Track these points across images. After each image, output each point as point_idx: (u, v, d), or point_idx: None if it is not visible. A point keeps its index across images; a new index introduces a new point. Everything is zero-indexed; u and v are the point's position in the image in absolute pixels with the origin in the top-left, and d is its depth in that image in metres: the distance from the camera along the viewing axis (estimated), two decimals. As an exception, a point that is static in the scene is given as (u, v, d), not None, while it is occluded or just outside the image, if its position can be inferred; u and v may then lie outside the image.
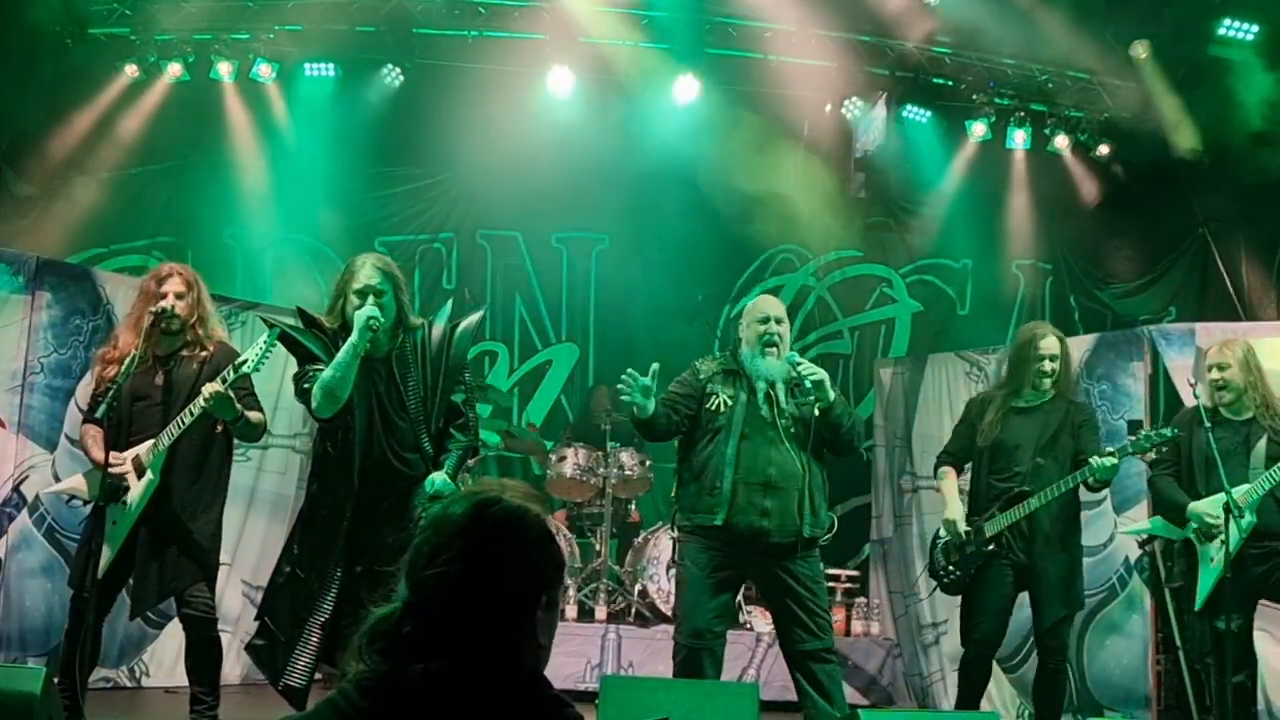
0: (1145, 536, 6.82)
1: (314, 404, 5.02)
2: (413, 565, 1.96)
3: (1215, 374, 5.95)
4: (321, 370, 5.02)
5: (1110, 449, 5.81)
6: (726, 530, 5.40)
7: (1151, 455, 6.10)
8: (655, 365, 5.42)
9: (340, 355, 4.98)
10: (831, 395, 5.44)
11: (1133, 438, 5.88)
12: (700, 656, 5.44)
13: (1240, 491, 5.66)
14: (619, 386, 5.46)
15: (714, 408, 5.52)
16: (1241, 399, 5.92)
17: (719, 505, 5.39)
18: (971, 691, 6.01)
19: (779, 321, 5.56)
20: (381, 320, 5.03)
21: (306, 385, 5.05)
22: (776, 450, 5.43)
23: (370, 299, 5.07)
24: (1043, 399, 6.05)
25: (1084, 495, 6.06)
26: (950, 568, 6.05)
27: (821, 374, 5.41)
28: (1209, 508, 5.74)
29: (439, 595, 1.91)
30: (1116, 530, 7.01)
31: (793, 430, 5.46)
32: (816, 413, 5.42)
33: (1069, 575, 5.96)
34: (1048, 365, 6.01)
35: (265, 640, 5.23)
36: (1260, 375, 5.95)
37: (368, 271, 5.14)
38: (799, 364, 5.41)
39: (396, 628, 1.92)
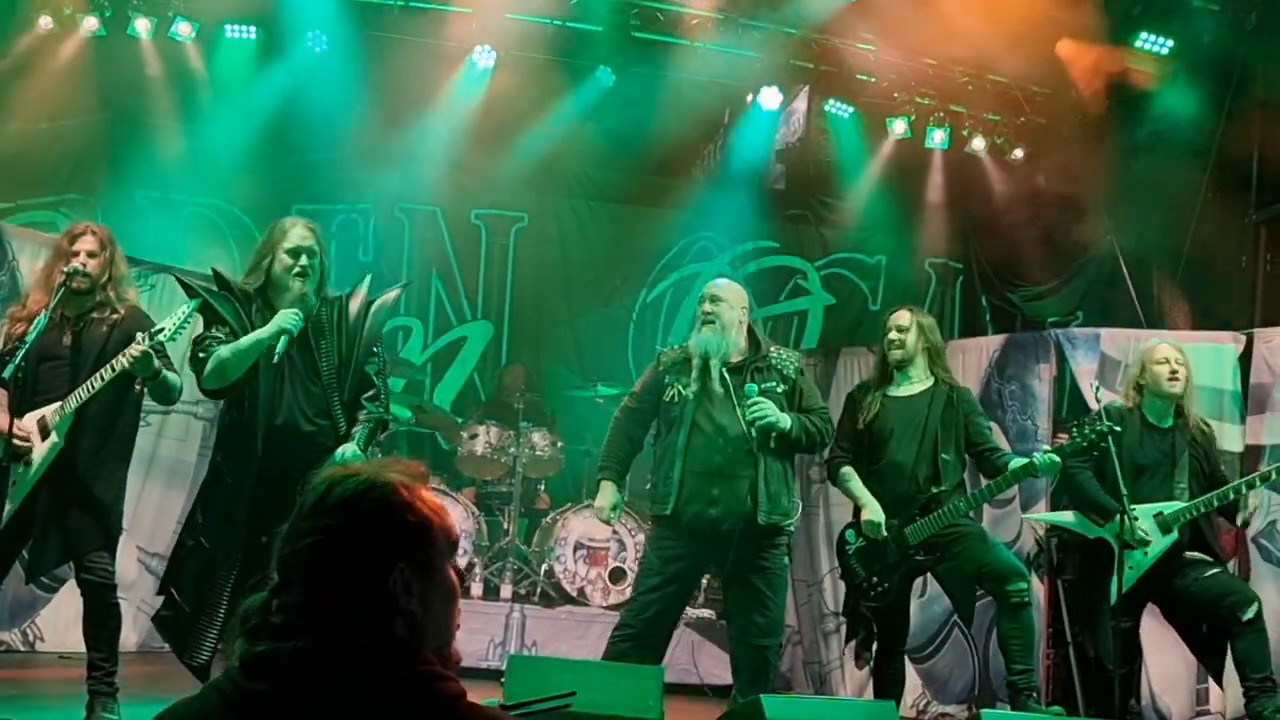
0: (1045, 529, 6.97)
1: (203, 375, 5.04)
2: (280, 548, 1.98)
3: (1183, 374, 5.88)
4: (221, 338, 5.05)
5: (1046, 448, 5.82)
6: (675, 520, 5.50)
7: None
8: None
9: (244, 342, 5.01)
10: (785, 425, 5.47)
11: (1066, 436, 5.85)
12: (639, 642, 5.53)
13: (1172, 509, 5.72)
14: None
15: (670, 399, 5.63)
16: (1181, 404, 5.93)
17: (669, 494, 5.50)
18: (901, 688, 6.08)
19: (714, 300, 5.64)
20: (295, 333, 5.03)
21: (202, 355, 5.06)
22: (726, 438, 5.49)
23: (304, 259, 5.15)
24: (916, 383, 5.98)
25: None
26: (876, 580, 5.85)
27: (768, 418, 5.43)
28: (1141, 519, 5.67)
29: (294, 575, 1.93)
30: (1023, 523, 7.15)
31: (747, 415, 5.48)
32: (773, 444, 5.51)
33: (983, 532, 5.99)
34: (894, 335, 5.97)
35: (170, 611, 5.22)
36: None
37: (300, 232, 5.22)
38: (751, 405, 5.45)
39: (264, 609, 1.94)
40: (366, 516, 1.94)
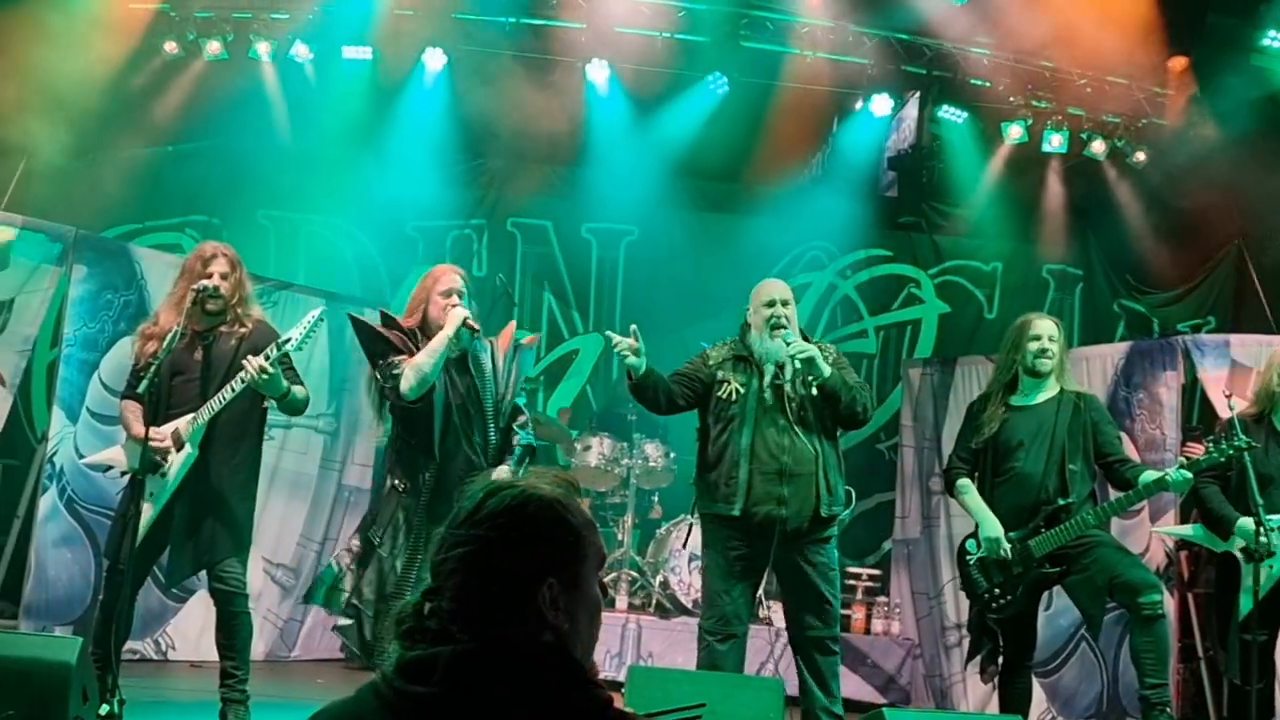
0: (1175, 542, 6.79)
1: (406, 387, 5.39)
2: (434, 553, 2.03)
3: None
4: (402, 362, 5.43)
5: (1181, 460, 5.65)
6: (744, 520, 5.52)
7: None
8: (634, 326, 5.58)
9: (435, 344, 5.40)
10: (825, 371, 5.50)
11: (1198, 446, 5.67)
12: (726, 644, 5.57)
13: None
14: (616, 349, 5.56)
15: (726, 395, 5.64)
16: None
17: (735, 495, 5.51)
18: (1027, 705, 5.90)
19: (784, 304, 5.65)
20: (473, 318, 5.49)
21: (396, 373, 5.42)
22: (789, 437, 5.52)
23: (454, 297, 5.54)
24: (1043, 391, 5.80)
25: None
26: (998, 592, 5.72)
27: (810, 350, 5.47)
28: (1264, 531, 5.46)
29: (446, 581, 1.97)
30: (1153, 536, 6.97)
31: (803, 413, 5.55)
32: (814, 390, 5.51)
33: (1115, 543, 5.77)
34: (1046, 344, 5.77)
35: (353, 619, 5.51)
36: None
37: (450, 278, 5.62)
38: (791, 343, 5.50)
39: (416, 612, 1.98)
40: (520, 530, 1.98)
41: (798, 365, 5.47)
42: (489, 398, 5.59)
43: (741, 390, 5.60)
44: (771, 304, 5.63)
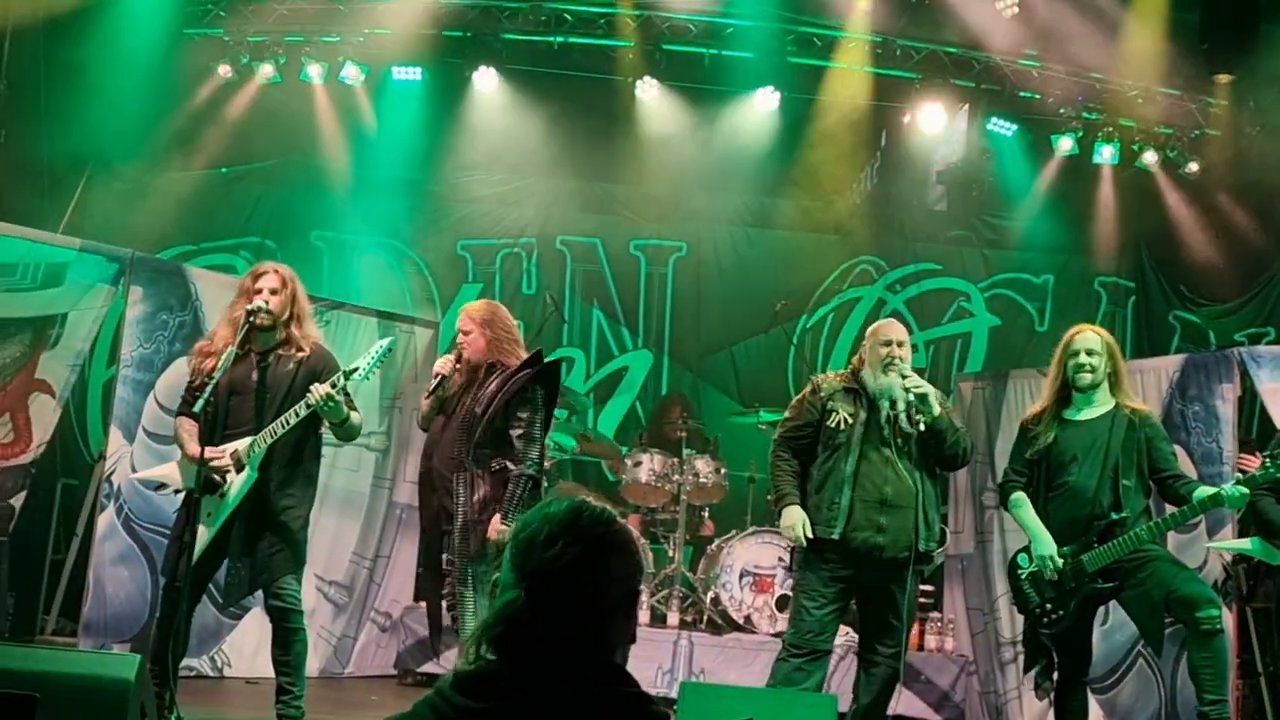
0: (1232, 556, 6.69)
1: (417, 418, 6.05)
2: (524, 556, 2.02)
3: None
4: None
5: (1237, 474, 5.58)
6: (843, 544, 5.61)
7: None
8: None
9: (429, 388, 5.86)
10: (935, 409, 5.63)
11: (1254, 458, 5.61)
12: (805, 658, 5.62)
13: None
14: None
15: (835, 425, 5.75)
16: None
17: (836, 520, 5.61)
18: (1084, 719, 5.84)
19: (900, 344, 5.77)
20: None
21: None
22: (893, 469, 5.64)
23: (460, 336, 5.79)
24: (1096, 406, 5.74)
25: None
26: (1049, 606, 5.66)
27: (927, 388, 5.63)
28: None
29: (554, 580, 1.98)
30: (1209, 551, 6.87)
31: (908, 449, 5.68)
32: (922, 427, 5.61)
33: (1172, 557, 5.71)
34: (1084, 359, 5.72)
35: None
36: None
37: (459, 319, 5.88)
38: (907, 378, 5.63)
39: (519, 615, 1.98)
40: (616, 544, 2.04)
41: (911, 398, 5.60)
42: (463, 413, 5.66)
43: (850, 420, 5.72)
44: (889, 343, 5.76)
